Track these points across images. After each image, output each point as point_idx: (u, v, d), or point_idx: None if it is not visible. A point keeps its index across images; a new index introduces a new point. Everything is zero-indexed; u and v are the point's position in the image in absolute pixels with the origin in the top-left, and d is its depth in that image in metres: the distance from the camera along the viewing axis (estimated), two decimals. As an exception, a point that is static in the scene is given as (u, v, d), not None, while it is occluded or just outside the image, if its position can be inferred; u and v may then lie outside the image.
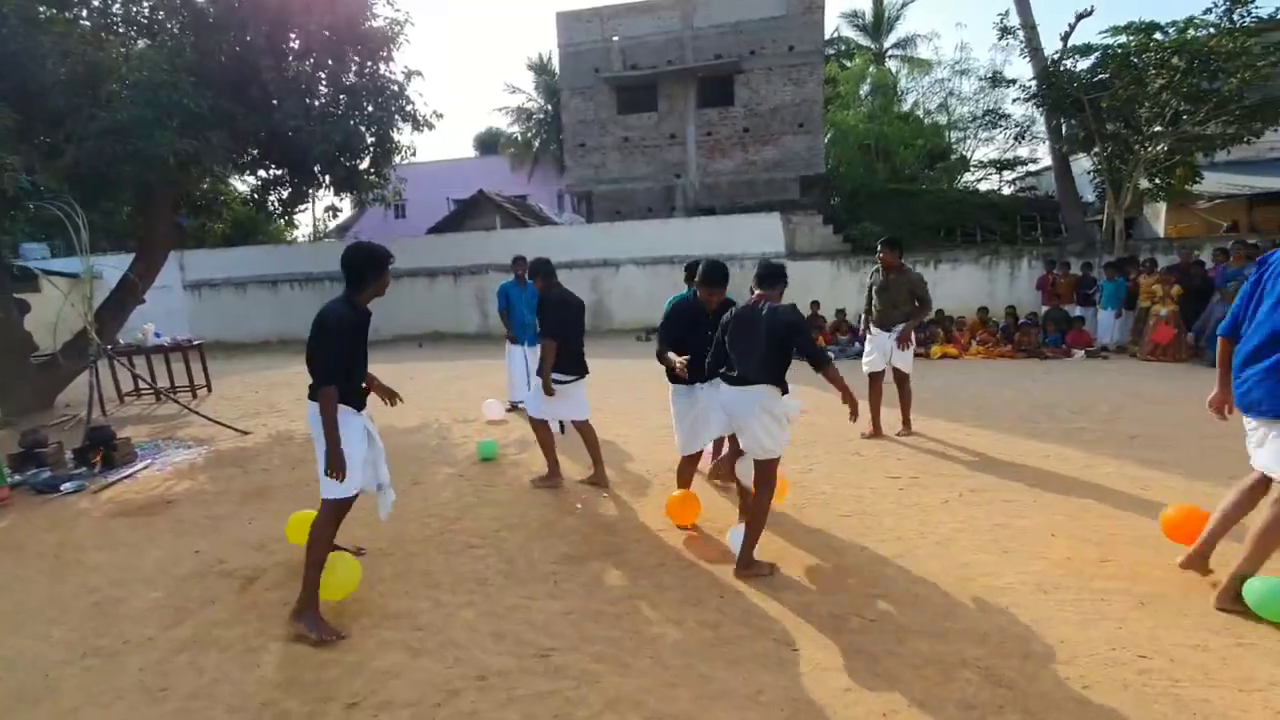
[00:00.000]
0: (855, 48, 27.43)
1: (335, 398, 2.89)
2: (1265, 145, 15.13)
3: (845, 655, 2.70)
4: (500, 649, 2.84)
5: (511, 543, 3.94)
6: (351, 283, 3.01)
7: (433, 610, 3.18)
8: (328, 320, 2.90)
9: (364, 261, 3.00)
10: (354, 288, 3.01)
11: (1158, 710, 2.30)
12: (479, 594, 3.33)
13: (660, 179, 18.74)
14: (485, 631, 2.98)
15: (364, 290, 3.02)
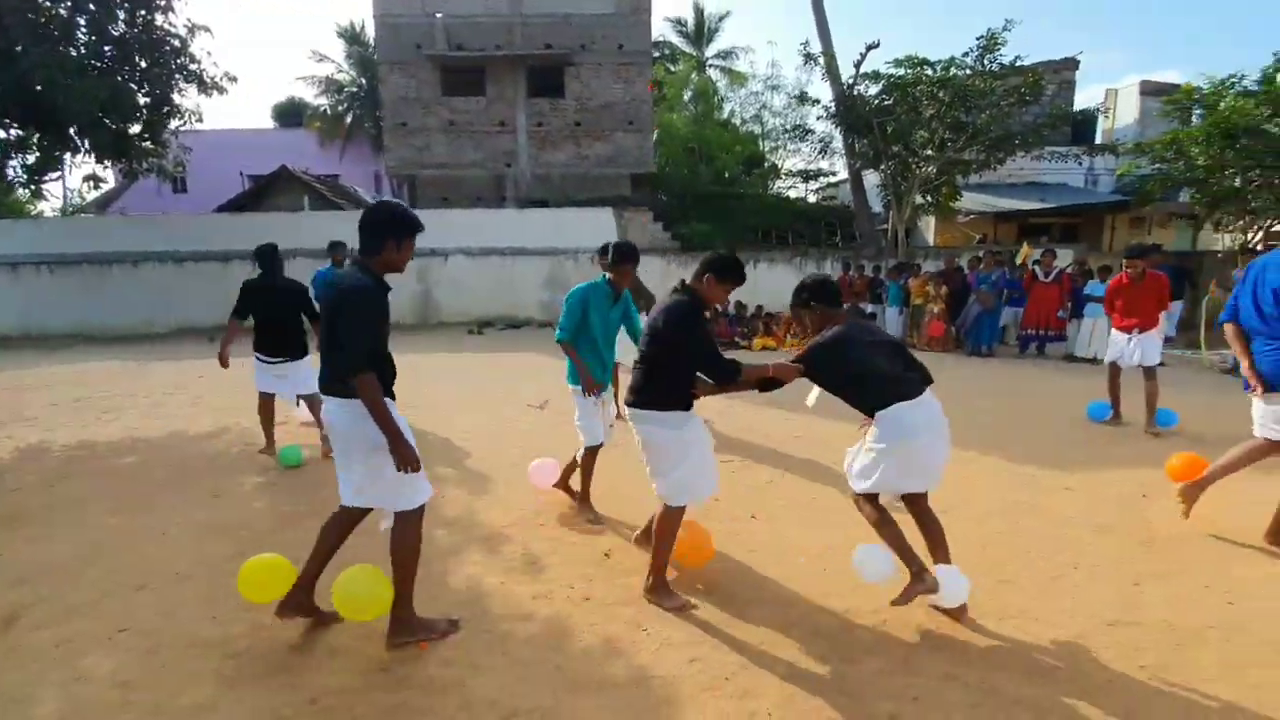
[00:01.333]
0: (680, 54, 28.73)
1: (377, 385, 2.47)
2: (1006, 172, 18.32)
3: (690, 627, 2.86)
4: (336, 666, 2.62)
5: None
6: (368, 248, 2.58)
7: (252, 634, 2.85)
8: (352, 293, 2.48)
9: (386, 224, 2.57)
10: (370, 254, 2.58)
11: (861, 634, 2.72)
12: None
13: (490, 167, 18.24)
14: (318, 650, 2.73)
15: (380, 257, 2.58)
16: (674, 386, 2.96)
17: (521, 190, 18.09)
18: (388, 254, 2.60)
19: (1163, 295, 6.09)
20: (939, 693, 2.45)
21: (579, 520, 4.06)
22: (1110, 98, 23.46)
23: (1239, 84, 13.50)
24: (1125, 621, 2.91)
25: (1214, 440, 5.82)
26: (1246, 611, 2.98)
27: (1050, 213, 19.72)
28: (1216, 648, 2.71)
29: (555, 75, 17.96)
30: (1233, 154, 13.15)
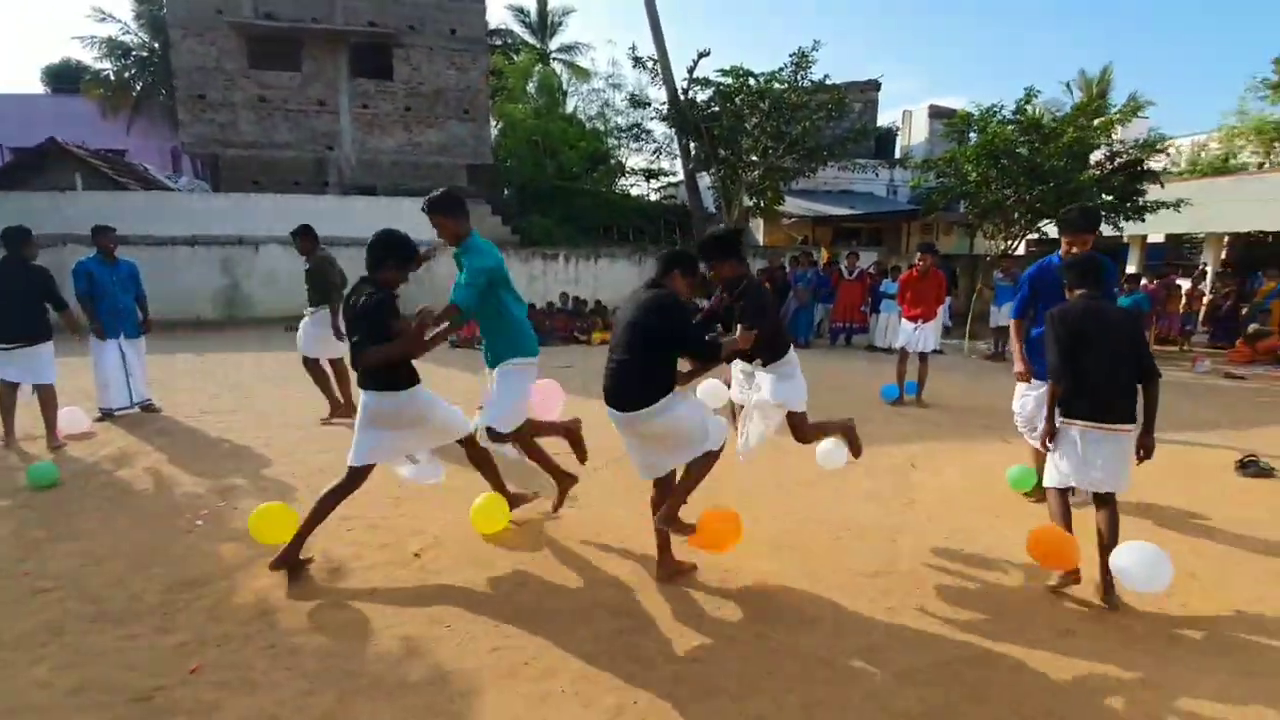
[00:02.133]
0: (522, 44, 28.30)
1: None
2: (822, 180, 20.13)
3: (494, 619, 2.86)
4: (82, 702, 2.31)
5: (99, 579, 3.20)
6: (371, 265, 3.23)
7: (-33, 683, 2.42)
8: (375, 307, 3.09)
9: (382, 249, 3.26)
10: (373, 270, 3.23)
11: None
12: (54, 645, 2.64)
13: (308, 149, 16.77)
14: (63, 688, 2.39)
15: (382, 273, 3.22)
16: (667, 375, 3.04)
17: (346, 176, 16.85)
18: (386, 273, 3.26)
19: (942, 290, 7.21)
20: (720, 650, 2.66)
21: (394, 517, 3.90)
22: (905, 118, 26.64)
23: (1000, 112, 15.90)
24: (884, 572, 3.35)
25: (972, 409, 6.82)
26: (975, 553, 3.55)
27: (859, 218, 21.99)
28: (949, 587, 3.21)
29: (382, 55, 16.90)
30: (996, 172, 15.45)
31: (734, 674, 2.53)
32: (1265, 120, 27.44)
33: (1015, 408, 4.25)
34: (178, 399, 6.71)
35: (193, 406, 6.51)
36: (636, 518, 3.95)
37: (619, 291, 14.09)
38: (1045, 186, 14.25)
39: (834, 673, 2.54)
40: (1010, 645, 2.73)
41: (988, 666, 2.60)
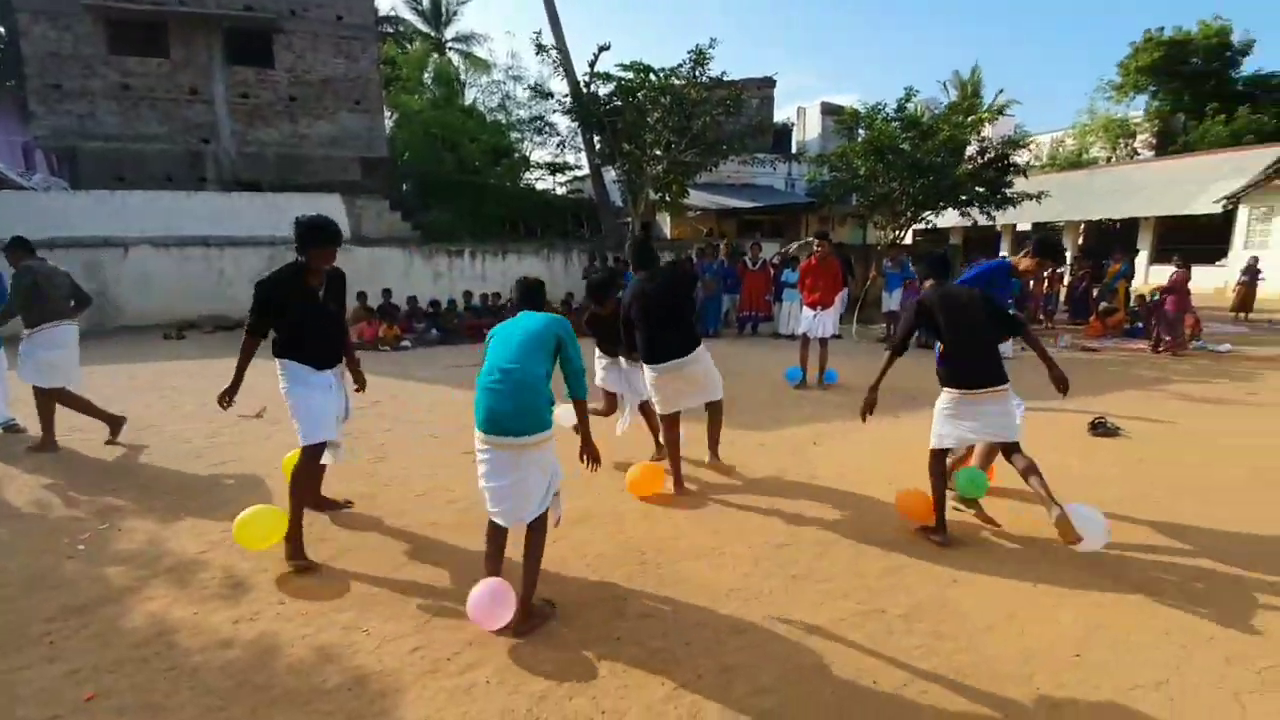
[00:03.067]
0: (415, 33, 27.29)
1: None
2: (725, 174, 20.69)
3: (414, 619, 2.83)
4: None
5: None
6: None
7: None
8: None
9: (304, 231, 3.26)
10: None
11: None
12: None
13: (181, 142, 15.47)
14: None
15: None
16: (692, 328, 4.42)
17: (226, 171, 15.69)
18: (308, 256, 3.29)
19: (839, 278, 7.59)
20: (639, 628, 2.77)
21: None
22: (800, 114, 27.81)
23: (884, 110, 16.93)
24: (788, 544, 3.57)
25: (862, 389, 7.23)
26: (872, 520, 3.84)
27: (761, 211, 22.81)
28: (843, 551, 3.46)
29: (261, 41, 15.81)
30: (882, 167, 16.45)
31: (654, 649, 2.63)
32: (1111, 119, 30.70)
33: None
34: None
35: (60, 425, 5.93)
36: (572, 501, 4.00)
37: (530, 287, 13.92)
38: (927, 180, 15.29)
39: (747, 639, 2.70)
40: (902, 596, 3.00)
41: (877, 620, 2.84)
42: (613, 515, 3.94)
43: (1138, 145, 30.19)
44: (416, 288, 12.83)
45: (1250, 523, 3.83)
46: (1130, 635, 2.73)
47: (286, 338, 3.37)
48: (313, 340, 3.41)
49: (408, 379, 8.03)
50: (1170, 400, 6.97)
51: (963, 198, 16.28)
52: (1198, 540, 3.61)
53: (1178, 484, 4.48)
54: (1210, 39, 27.86)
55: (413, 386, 7.61)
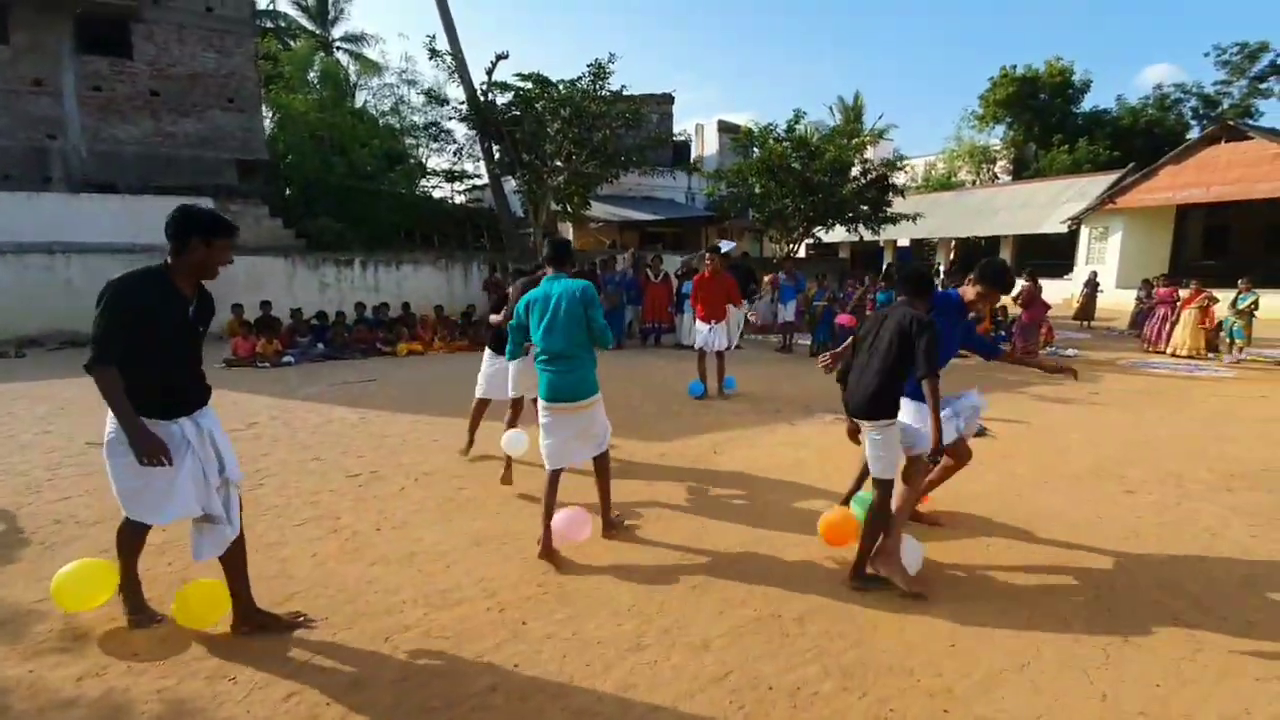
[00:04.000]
0: (300, 30, 25.83)
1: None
2: (627, 187, 20.94)
3: (286, 665, 2.61)
4: None
5: None
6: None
7: None
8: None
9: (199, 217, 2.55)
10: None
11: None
12: None
13: (21, 138, 13.76)
14: None
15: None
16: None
17: (76, 170, 14.09)
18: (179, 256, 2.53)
19: (732, 292, 7.55)
20: (539, 652, 2.69)
21: (157, 567, 3.37)
22: (698, 130, 28.66)
23: (775, 130, 17.75)
24: (688, 554, 3.59)
25: (768, 397, 7.49)
26: (774, 527, 3.95)
27: (662, 223, 23.25)
28: (742, 559, 3.53)
29: (117, 30, 14.37)
30: (775, 184, 17.24)
31: (552, 672, 2.56)
32: (974, 146, 33.77)
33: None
34: None
35: None
36: (452, 536, 3.83)
37: (426, 299, 13.44)
38: (816, 198, 16.13)
39: (646, 655, 2.68)
40: (797, 600, 3.09)
41: (773, 624, 2.91)
42: (509, 536, 3.83)
43: (998, 170, 33.39)
44: (301, 299, 12.04)
45: (1092, 507, 4.27)
46: (997, 623, 2.94)
47: (139, 371, 2.50)
48: (179, 375, 2.63)
49: (289, 398, 7.49)
50: (1028, 401, 7.67)
51: (849, 215, 17.29)
52: (1053, 527, 3.97)
53: (1036, 477, 4.92)
54: (1055, 77, 31.32)
55: (294, 405, 7.10)
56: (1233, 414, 7.21)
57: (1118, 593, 3.22)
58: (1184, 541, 3.83)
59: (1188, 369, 10.37)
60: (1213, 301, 11.58)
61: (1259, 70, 30.84)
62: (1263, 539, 3.87)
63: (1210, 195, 19.27)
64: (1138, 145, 28.85)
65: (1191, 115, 32.46)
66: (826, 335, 11.25)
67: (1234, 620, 2.98)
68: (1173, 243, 22.37)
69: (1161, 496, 4.56)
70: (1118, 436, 6.15)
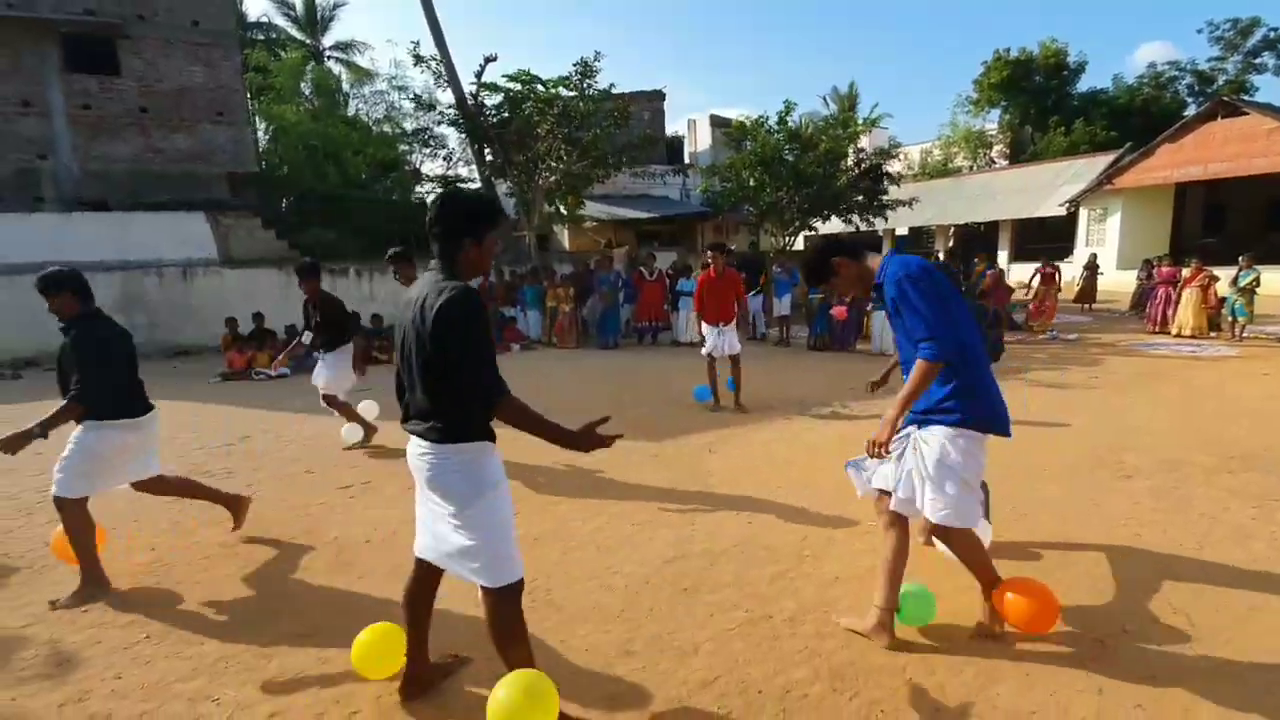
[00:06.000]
0: (290, 40, 25.82)
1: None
2: (621, 185, 20.86)
3: (270, 680, 2.58)
4: None
5: None
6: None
7: None
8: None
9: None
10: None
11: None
12: None
13: (11, 158, 13.74)
14: None
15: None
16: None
17: (68, 190, 14.07)
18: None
19: (739, 291, 6.90)
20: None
21: (147, 585, 3.35)
22: (690, 127, 28.56)
23: (767, 122, 17.64)
24: (680, 557, 3.55)
25: (763, 393, 7.43)
26: (757, 530, 3.90)
27: (657, 221, 23.18)
28: (733, 559, 3.49)
29: (104, 48, 14.34)
30: (769, 177, 17.13)
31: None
32: (970, 131, 33.58)
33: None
34: None
35: None
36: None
37: (421, 305, 13.38)
38: (810, 190, 16.03)
39: (636, 662, 2.64)
40: (788, 600, 3.04)
41: (764, 626, 2.87)
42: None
43: (994, 155, 33.21)
44: (296, 311, 12.00)
45: (1089, 495, 4.21)
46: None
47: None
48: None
49: (281, 410, 7.46)
50: (1025, 388, 7.60)
51: (844, 206, 17.19)
52: (1048, 516, 3.91)
53: (1031, 465, 4.86)
54: (1050, 59, 31.12)
55: (286, 418, 7.08)
56: (1234, 394, 7.13)
57: (1114, 582, 3.17)
58: (1181, 527, 3.77)
59: (1191, 349, 10.28)
60: (1213, 280, 11.49)
61: (1252, 45, 30.64)
62: (1262, 521, 3.81)
63: (1208, 173, 19.13)
64: (1135, 125, 28.66)
65: (1187, 93, 32.25)
66: (824, 327, 11.20)
67: (1233, 608, 2.92)
68: (1172, 222, 22.22)
69: (1159, 481, 4.50)
70: (1116, 421, 6.08)
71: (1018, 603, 2.64)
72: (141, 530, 4.14)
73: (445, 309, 1.98)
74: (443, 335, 1.99)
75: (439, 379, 2.05)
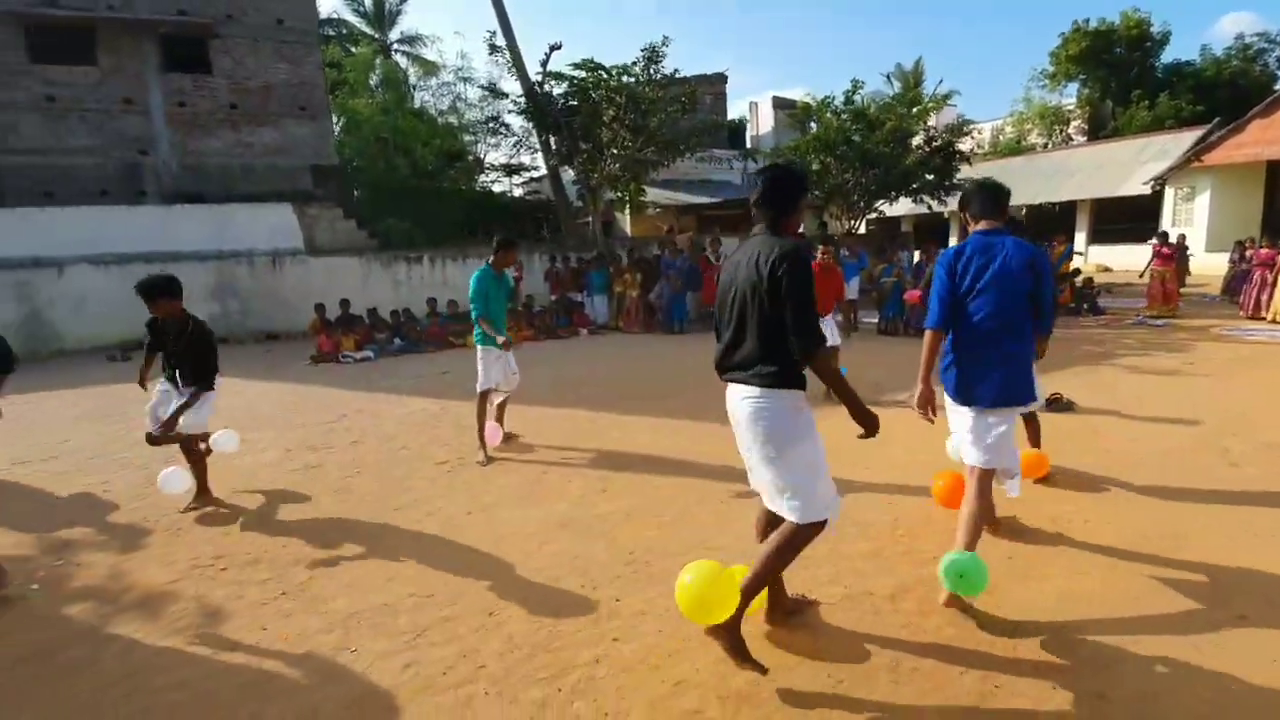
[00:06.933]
0: (360, 35, 26.67)
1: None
2: (683, 171, 20.79)
3: (400, 636, 2.77)
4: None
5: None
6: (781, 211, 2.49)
7: None
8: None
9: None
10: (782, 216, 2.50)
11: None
12: None
13: (115, 155, 14.71)
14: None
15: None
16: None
17: (167, 184, 15.03)
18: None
19: (841, 285, 6.73)
20: (634, 627, 2.77)
21: (274, 550, 3.64)
22: (752, 110, 28.13)
23: (832, 103, 17.25)
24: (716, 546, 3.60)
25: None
26: (845, 507, 3.91)
27: (719, 206, 23.00)
28: (826, 537, 3.51)
29: (197, 48, 15.18)
30: (834, 159, 16.79)
31: (649, 646, 2.64)
32: (1045, 107, 31.91)
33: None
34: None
35: (1, 458, 5.62)
36: (538, 519, 3.97)
37: (490, 291, 13.78)
38: (877, 170, 15.63)
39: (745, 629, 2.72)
40: (886, 577, 3.06)
41: (864, 601, 2.90)
42: (593, 519, 3.93)
43: (1071, 131, 31.47)
44: (376, 297, 12.55)
45: (1192, 482, 4.04)
46: (1108, 594, 2.84)
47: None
48: None
49: (373, 390, 7.84)
50: (1116, 374, 7.28)
51: (913, 186, 16.70)
52: (1152, 505, 3.78)
53: (1131, 454, 4.68)
54: (1132, 30, 29.19)
55: (379, 398, 7.44)
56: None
57: (1234, 574, 3.06)
58: (1305, 517, 3.59)
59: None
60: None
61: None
62: (1395, 514, 3.59)
63: (1305, 149, 17.67)
64: (1222, 98, 26.63)
65: (1277, 65, 29.73)
66: (897, 310, 10.96)
67: (1369, 599, 2.79)
68: (1264, 201, 20.63)
69: (1266, 470, 4.27)
70: (1214, 407, 5.77)
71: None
72: (266, 498, 4.46)
73: (782, 259, 2.29)
74: (779, 283, 2.28)
75: (773, 326, 2.33)
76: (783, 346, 2.33)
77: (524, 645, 2.68)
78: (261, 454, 5.44)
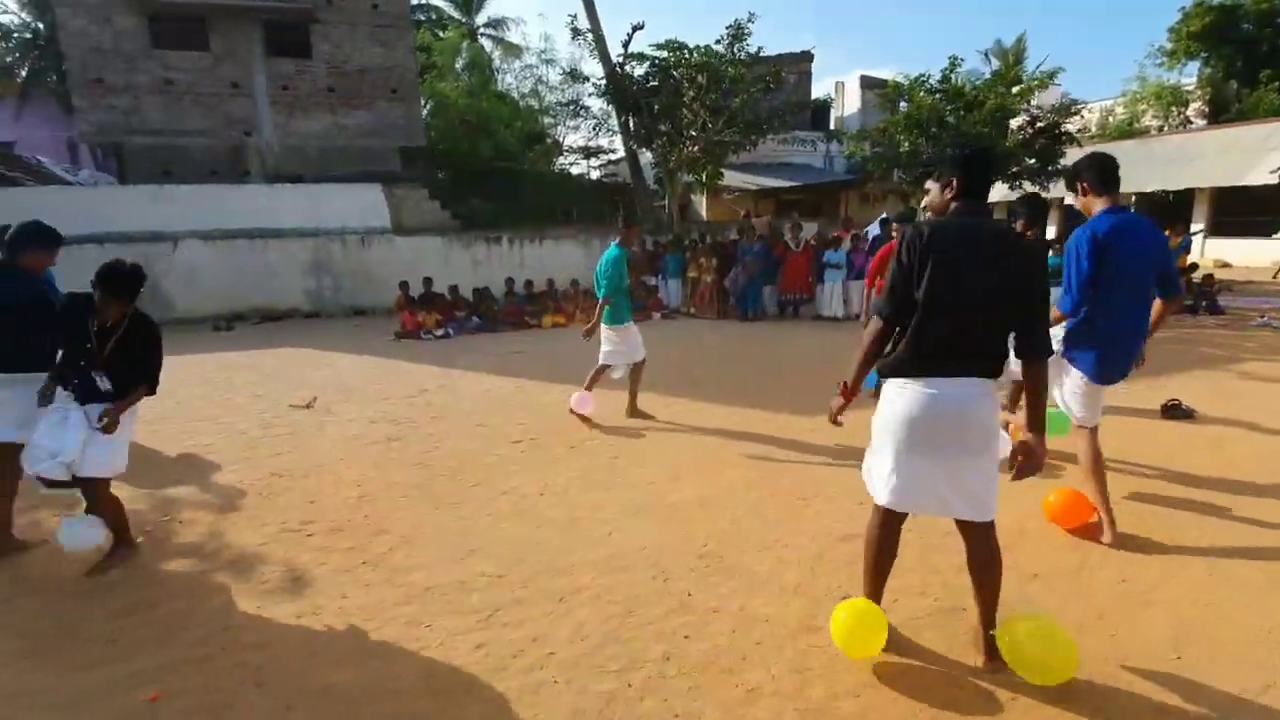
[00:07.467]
0: (447, 20, 27.29)
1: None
2: (761, 154, 20.24)
3: (474, 615, 2.79)
4: None
5: (27, 612, 2.96)
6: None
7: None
8: None
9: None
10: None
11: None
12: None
13: (224, 135, 15.69)
14: None
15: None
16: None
17: (269, 163, 15.90)
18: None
19: None
20: (706, 625, 2.68)
21: (356, 520, 3.76)
22: (838, 89, 27.05)
23: (927, 82, 16.29)
24: (853, 535, 3.42)
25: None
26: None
27: (798, 190, 22.31)
28: (911, 544, 3.31)
29: (299, 33, 15.91)
30: (925, 141, 15.88)
31: (722, 647, 2.55)
32: (1163, 86, 29.15)
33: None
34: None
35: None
36: (610, 504, 3.94)
37: (569, 273, 13.91)
38: (973, 153, 14.67)
39: (818, 638, 2.59)
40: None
41: (956, 619, 2.70)
42: (665, 508, 3.86)
43: (1190, 114, 28.65)
44: (456, 276, 12.87)
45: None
46: (1225, 633, 2.54)
47: None
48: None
49: (453, 366, 8.04)
50: (1239, 381, 6.57)
51: (1013, 170, 15.65)
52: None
53: (1259, 467, 4.19)
54: (1261, 4, 26.10)
55: (458, 374, 7.61)
56: None
57: (1398, 614, 2.66)
58: None
59: None
60: None
61: None
62: None
63: None
64: (1360, 82, 23.51)
65: None
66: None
67: None
68: None
69: None
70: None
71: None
72: (349, 468, 4.62)
73: (1034, 251, 2.38)
74: (1035, 272, 2.26)
75: (1009, 319, 2.25)
76: (1004, 338, 2.28)
77: (593, 635, 2.64)
78: (348, 424, 5.65)
